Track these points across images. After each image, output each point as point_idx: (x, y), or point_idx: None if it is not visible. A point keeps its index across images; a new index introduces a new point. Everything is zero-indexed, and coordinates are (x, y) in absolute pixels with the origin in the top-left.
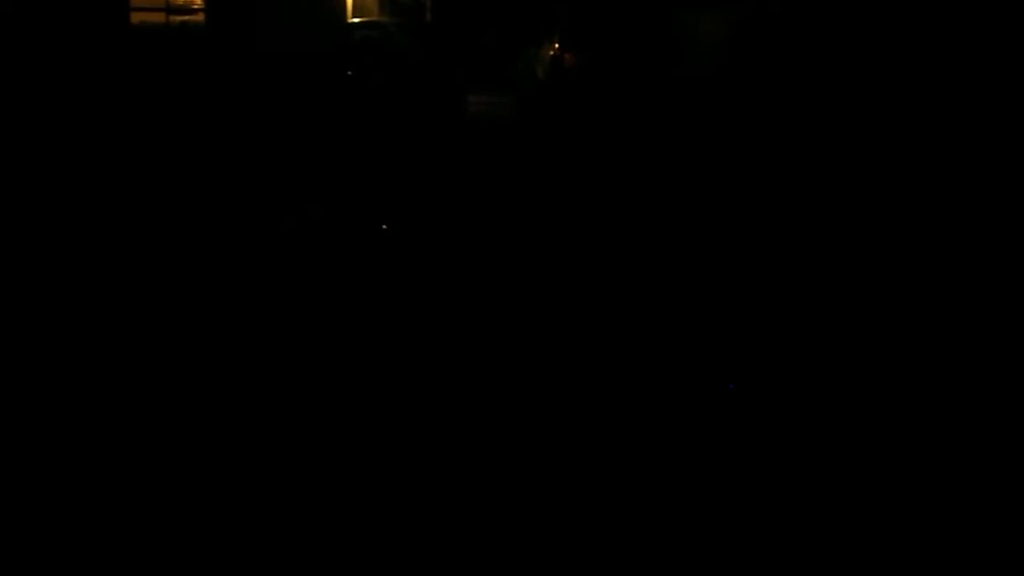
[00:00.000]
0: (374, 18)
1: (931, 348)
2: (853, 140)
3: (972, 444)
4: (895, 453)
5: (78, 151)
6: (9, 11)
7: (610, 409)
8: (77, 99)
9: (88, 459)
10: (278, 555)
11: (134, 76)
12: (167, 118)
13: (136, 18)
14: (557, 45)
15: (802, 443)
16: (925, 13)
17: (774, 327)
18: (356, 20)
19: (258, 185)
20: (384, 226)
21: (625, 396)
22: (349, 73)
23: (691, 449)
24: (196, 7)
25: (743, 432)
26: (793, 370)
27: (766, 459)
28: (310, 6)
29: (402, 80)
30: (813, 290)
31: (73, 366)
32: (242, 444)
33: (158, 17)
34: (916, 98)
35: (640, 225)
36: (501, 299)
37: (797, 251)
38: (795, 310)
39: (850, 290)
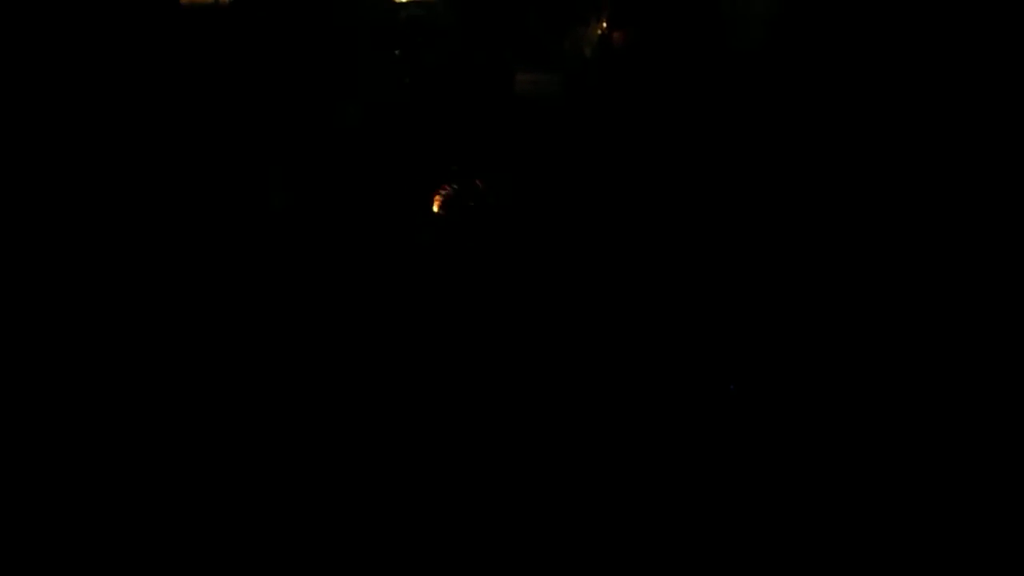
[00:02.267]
0: None
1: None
2: (922, 121)
3: (975, 445)
4: (898, 454)
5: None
6: None
7: (609, 408)
8: (117, 88)
9: (86, 452)
10: (279, 555)
11: (183, 62)
12: (212, 105)
13: None
14: (605, 23)
15: (804, 445)
16: None
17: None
18: None
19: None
20: (438, 211)
21: (625, 395)
22: (396, 52)
23: (691, 450)
24: None
25: (744, 434)
26: (797, 371)
27: (767, 461)
28: None
29: (450, 58)
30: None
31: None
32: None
33: None
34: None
35: (682, 213)
36: (518, 290)
37: (852, 242)
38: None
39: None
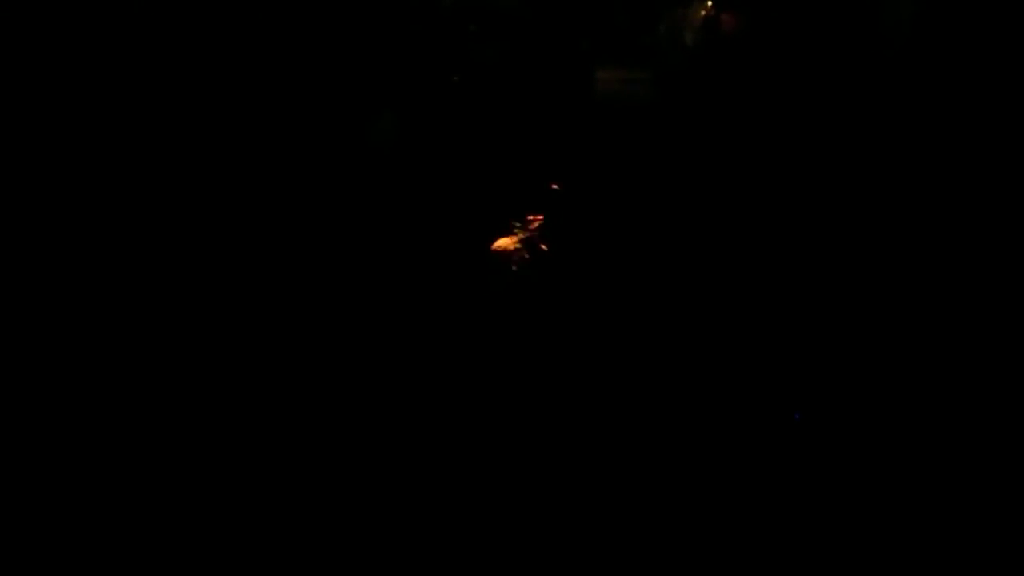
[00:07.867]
0: None
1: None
2: None
3: None
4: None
5: None
6: None
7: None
8: None
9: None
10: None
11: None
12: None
13: None
14: (711, 3)
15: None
16: None
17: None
18: None
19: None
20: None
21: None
22: (441, 45)
23: (756, 481)
24: None
25: (811, 464)
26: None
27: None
28: None
29: (511, 52)
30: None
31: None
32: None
33: None
34: None
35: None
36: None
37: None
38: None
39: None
